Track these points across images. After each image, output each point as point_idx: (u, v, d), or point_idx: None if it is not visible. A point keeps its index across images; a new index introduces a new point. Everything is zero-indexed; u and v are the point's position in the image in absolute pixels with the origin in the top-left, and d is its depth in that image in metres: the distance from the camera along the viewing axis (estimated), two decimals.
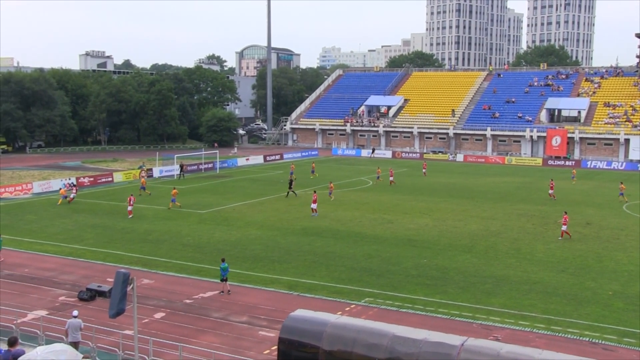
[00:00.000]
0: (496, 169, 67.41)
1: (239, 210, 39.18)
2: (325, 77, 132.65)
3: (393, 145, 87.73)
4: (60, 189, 44.47)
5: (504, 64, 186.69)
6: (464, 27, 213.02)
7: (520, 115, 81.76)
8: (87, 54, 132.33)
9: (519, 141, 79.28)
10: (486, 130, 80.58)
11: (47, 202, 42.19)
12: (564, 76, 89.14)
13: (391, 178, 51.88)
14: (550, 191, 45.06)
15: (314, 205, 37.42)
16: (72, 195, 42.17)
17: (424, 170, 59.64)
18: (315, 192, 40.04)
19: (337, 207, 40.31)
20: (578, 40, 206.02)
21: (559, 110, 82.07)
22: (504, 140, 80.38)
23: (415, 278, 24.31)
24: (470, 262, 26.87)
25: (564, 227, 31.53)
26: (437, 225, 34.64)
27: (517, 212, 39.24)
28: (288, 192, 43.04)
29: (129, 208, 37.10)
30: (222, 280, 22.35)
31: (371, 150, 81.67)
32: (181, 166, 57.39)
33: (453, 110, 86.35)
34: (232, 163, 67.12)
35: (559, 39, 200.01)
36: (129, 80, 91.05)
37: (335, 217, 37.04)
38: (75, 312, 17.05)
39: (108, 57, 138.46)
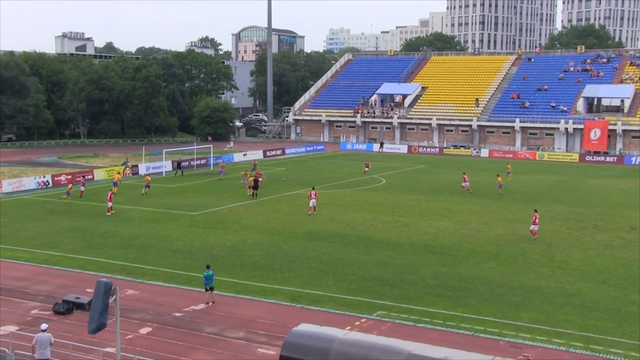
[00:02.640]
0: (526, 165, 67.24)
1: (236, 212, 39.20)
2: (333, 62, 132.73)
3: (409, 139, 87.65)
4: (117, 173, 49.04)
5: (535, 47, 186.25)
6: (490, 5, 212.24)
7: (554, 104, 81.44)
8: (64, 36, 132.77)
9: (552, 134, 79.02)
10: (514, 121, 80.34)
11: (19, 203, 42.41)
12: (604, 60, 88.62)
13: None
14: (464, 184, 47.91)
15: (311, 202, 38.30)
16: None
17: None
18: (313, 188, 40.67)
19: (346, 209, 40.34)
20: (622, 19, 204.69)
21: (599, 99, 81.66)
22: (535, 134, 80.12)
23: (434, 289, 24.26)
24: (497, 270, 26.78)
25: (533, 227, 32.32)
26: (458, 229, 34.58)
27: (550, 214, 39.10)
28: (254, 193, 43.17)
29: (109, 204, 37.90)
30: (206, 289, 22.43)
31: (379, 145, 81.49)
32: (178, 163, 57.68)
33: (477, 100, 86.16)
34: (228, 159, 67.26)
35: (599, 18, 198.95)
36: (111, 65, 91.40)
37: (343, 219, 37.04)
38: (43, 326, 17.05)
39: (88, 39, 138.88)
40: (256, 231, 33.81)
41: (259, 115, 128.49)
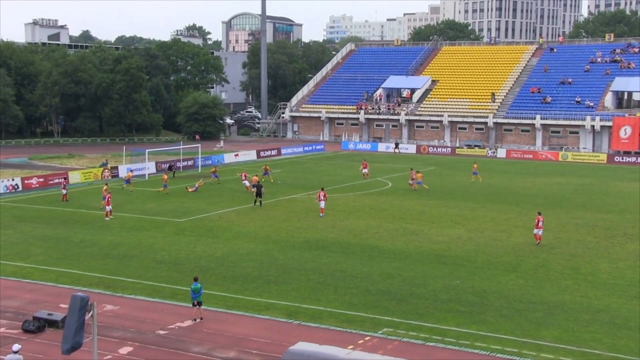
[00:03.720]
0: (547, 167, 67.34)
1: (227, 219, 39.30)
2: (334, 53, 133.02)
3: (418, 138, 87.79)
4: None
5: (558, 36, 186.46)
6: None
7: (579, 99, 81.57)
8: (35, 23, 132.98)
9: (577, 132, 79.15)
10: (535, 118, 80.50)
11: None
12: (636, 50, 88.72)
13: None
14: (411, 181, 50.61)
15: (321, 204, 39.90)
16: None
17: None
18: (322, 189, 41.67)
19: (348, 215, 40.42)
20: None
21: (629, 93, 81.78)
22: (558, 132, 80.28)
23: (446, 303, 24.29)
24: (515, 283, 26.80)
25: (537, 231, 33.10)
26: (472, 238, 34.68)
27: (574, 221, 39.17)
28: (255, 201, 42.97)
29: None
30: (193, 304, 22.45)
31: (394, 145, 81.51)
32: (170, 166, 57.93)
33: (493, 94, 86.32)
34: (218, 159, 67.36)
35: (630, 2, 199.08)
36: (88, 56, 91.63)
37: (345, 226, 37.09)
38: (16, 347, 17.04)
39: (62, 27, 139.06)
40: (249, 239, 33.86)
41: (252, 112, 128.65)
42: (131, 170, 55.20)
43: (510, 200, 46.58)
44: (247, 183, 49.19)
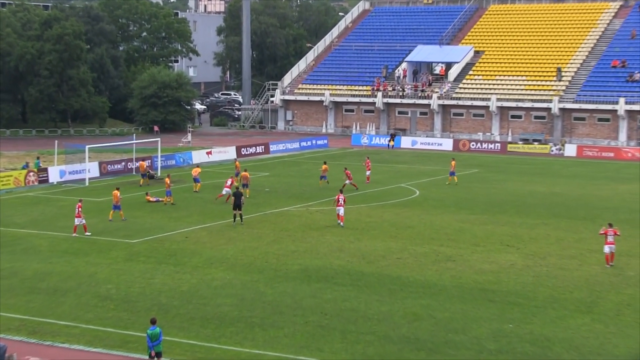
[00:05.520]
0: (634, 169, 67.10)
1: (196, 239, 39.32)
2: (341, 14, 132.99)
3: (455, 130, 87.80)
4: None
5: None
6: None
7: None
8: None
9: None
10: (617, 103, 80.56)
11: None
12: None
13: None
14: (348, 181, 53.06)
15: (340, 211, 41.87)
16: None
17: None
18: (341, 191, 43.72)
19: (360, 234, 40.38)
20: None
21: None
22: None
23: (495, 355, 24.23)
24: (591, 329, 26.70)
25: (608, 248, 34.67)
26: (530, 266, 34.59)
27: None
28: (235, 215, 42.77)
29: (81, 221, 39.84)
30: (150, 356, 22.32)
31: (389, 137, 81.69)
32: (146, 174, 57.74)
33: (559, 70, 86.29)
34: (184, 159, 67.36)
35: None
36: (6, 17, 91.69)
37: (357, 250, 37.02)
38: None
39: None
40: (226, 267, 33.79)
41: (229, 95, 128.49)
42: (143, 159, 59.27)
43: (582, 215, 46.46)
44: (228, 191, 48.53)
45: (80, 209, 40.12)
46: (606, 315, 28.07)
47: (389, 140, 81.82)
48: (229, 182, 49.99)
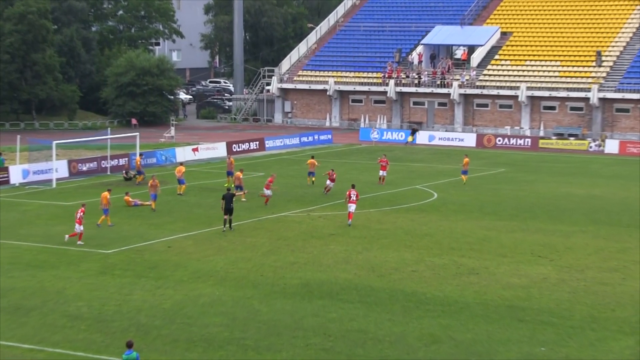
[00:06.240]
0: None
1: (180, 249, 39.26)
2: None
3: (479, 123, 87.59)
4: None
5: None
6: None
7: None
8: None
9: None
10: None
11: None
12: None
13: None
14: (328, 182, 53.80)
15: (351, 207, 43.80)
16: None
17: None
18: (353, 186, 44.97)
19: (369, 244, 40.32)
20: None
21: None
22: None
23: None
24: (637, 353, 26.55)
25: None
26: (566, 280, 34.47)
27: None
28: (226, 220, 42.98)
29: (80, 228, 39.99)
30: None
31: (410, 132, 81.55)
32: (127, 175, 58.25)
33: (599, 54, 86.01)
34: (167, 157, 67.21)
35: None
36: None
37: (366, 261, 36.95)
38: None
39: None
40: (215, 282, 33.67)
41: (219, 83, 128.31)
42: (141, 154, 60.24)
43: (625, 221, 46.25)
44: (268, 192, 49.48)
45: (82, 214, 40.12)
46: None
47: (410, 136, 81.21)
48: (270, 180, 50.45)
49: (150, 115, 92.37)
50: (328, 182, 53.49)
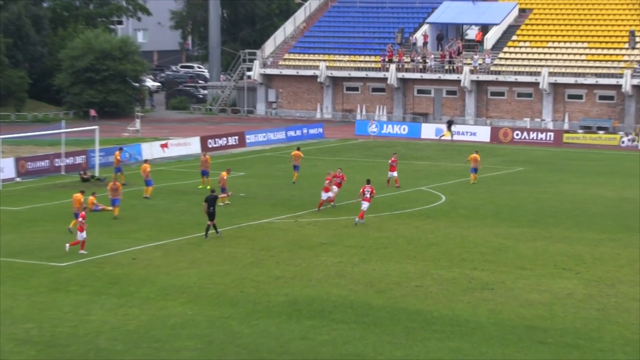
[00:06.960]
0: None
1: (147, 261, 39.53)
2: None
3: (493, 115, 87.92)
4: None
5: None
6: None
7: None
8: None
9: None
10: None
11: None
12: None
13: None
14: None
15: (364, 205, 46.19)
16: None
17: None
18: (368, 181, 46.97)
19: (367, 254, 40.73)
20: None
21: None
22: None
23: None
24: None
25: None
26: (594, 296, 34.57)
27: None
28: (209, 226, 43.68)
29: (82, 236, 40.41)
30: None
31: (447, 125, 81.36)
32: (85, 176, 58.72)
33: (632, 34, 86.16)
34: (131, 154, 67.09)
35: None
36: None
37: (363, 275, 37.21)
38: None
39: None
40: (187, 299, 33.71)
41: (192, 68, 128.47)
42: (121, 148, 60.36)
43: None
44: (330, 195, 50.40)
45: (84, 220, 40.78)
46: None
47: (447, 130, 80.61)
48: (335, 181, 51.33)
49: (111, 106, 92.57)
50: (334, 188, 51.59)
